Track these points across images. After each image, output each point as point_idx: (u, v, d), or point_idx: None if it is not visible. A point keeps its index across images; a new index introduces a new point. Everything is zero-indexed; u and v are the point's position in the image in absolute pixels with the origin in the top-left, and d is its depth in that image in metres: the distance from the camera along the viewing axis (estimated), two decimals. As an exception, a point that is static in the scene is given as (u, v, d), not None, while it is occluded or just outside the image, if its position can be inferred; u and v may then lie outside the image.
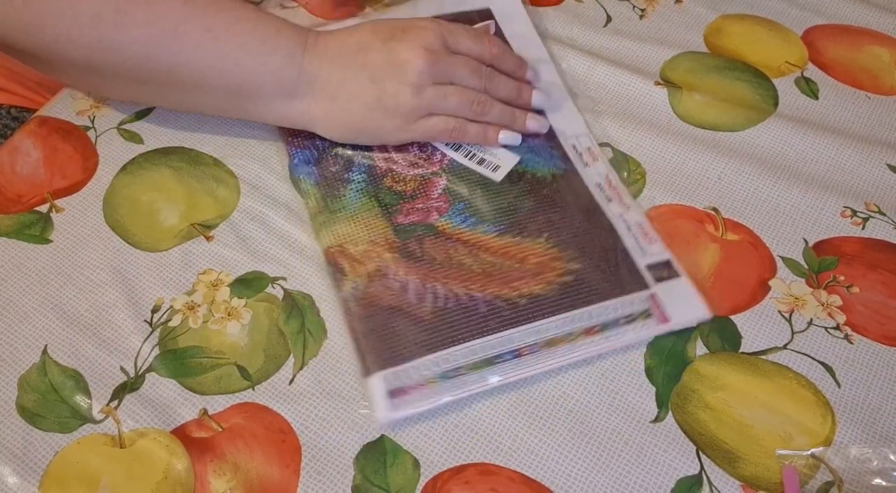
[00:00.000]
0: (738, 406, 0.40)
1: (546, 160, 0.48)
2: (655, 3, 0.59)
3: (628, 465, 0.38)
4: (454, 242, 0.44)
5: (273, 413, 0.40)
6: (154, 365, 0.41)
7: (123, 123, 0.52)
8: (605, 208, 0.46)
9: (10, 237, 0.46)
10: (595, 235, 0.44)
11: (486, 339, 0.40)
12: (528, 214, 0.46)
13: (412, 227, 0.45)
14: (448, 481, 0.38)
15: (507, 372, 0.40)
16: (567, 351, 0.40)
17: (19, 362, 0.41)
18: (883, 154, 0.50)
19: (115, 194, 0.48)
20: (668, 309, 0.42)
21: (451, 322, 0.41)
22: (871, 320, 0.43)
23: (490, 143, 0.48)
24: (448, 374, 0.40)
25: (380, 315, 0.42)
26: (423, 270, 0.43)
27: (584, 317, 0.41)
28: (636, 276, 0.43)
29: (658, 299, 0.42)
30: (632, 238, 0.44)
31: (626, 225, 0.45)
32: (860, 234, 0.46)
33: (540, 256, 0.44)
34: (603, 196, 0.46)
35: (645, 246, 0.44)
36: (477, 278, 0.43)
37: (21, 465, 0.38)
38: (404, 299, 0.42)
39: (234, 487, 0.37)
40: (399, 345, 0.40)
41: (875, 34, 0.57)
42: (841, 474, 0.38)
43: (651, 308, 0.42)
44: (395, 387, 0.39)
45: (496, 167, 0.47)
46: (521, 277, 0.43)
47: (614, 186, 0.47)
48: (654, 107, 0.53)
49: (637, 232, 0.45)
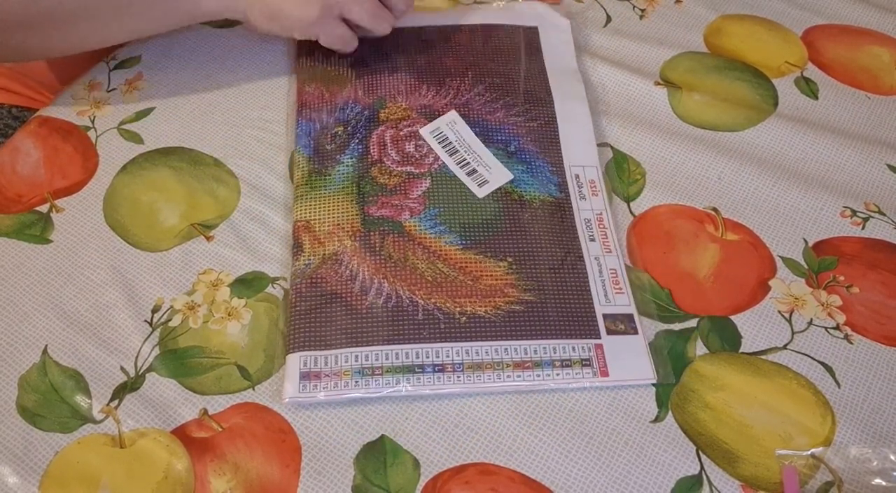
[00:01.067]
0: (738, 406, 0.40)
1: (540, 183, 0.47)
2: (655, 3, 0.59)
3: (628, 465, 0.38)
4: (416, 244, 0.44)
5: (273, 413, 0.40)
6: (154, 365, 0.41)
7: (123, 123, 0.52)
8: (583, 246, 0.44)
9: (10, 237, 0.46)
10: (561, 272, 0.43)
11: (412, 346, 0.40)
12: (498, 234, 0.45)
13: (381, 220, 0.45)
14: (448, 481, 0.38)
15: (422, 384, 0.39)
16: (491, 379, 0.40)
17: (19, 362, 0.41)
18: (883, 154, 0.50)
19: (116, 194, 0.48)
20: (610, 364, 0.40)
21: (384, 322, 0.41)
22: (871, 320, 0.43)
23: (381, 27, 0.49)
24: (365, 371, 0.39)
25: (319, 298, 0.42)
26: (375, 264, 0.43)
27: (518, 350, 0.40)
28: (589, 322, 0.41)
29: (604, 351, 0.41)
30: (600, 284, 0.43)
31: (598, 268, 0.43)
32: (860, 234, 0.46)
33: (496, 279, 0.43)
34: (586, 234, 0.45)
35: (611, 295, 0.43)
36: (425, 285, 0.42)
37: (21, 465, 0.38)
38: (348, 288, 0.42)
39: (234, 487, 0.37)
40: (326, 331, 0.41)
41: (875, 34, 0.57)
42: (841, 474, 0.38)
43: (593, 359, 0.40)
44: (309, 371, 0.39)
45: (484, 182, 0.47)
46: (469, 294, 0.42)
47: (604, 226, 0.45)
48: (654, 107, 0.53)
49: (608, 278, 0.43)
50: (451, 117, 0.49)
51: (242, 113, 0.52)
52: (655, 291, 0.44)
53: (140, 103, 0.53)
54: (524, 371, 0.40)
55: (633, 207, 0.47)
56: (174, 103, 0.53)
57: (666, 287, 0.44)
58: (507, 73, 0.52)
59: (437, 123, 0.49)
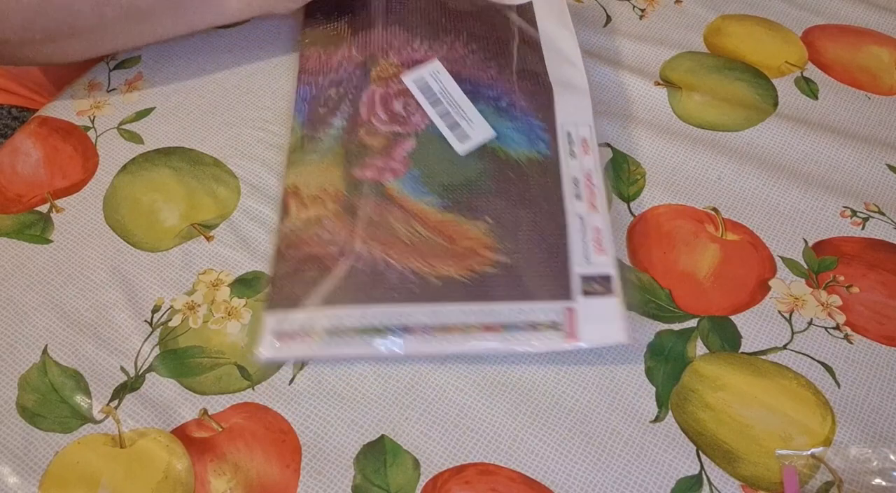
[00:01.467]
0: (738, 406, 0.40)
1: (529, 141, 0.46)
2: (655, 3, 0.59)
3: (628, 465, 0.38)
4: (395, 206, 0.43)
5: (273, 413, 0.40)
6: (154, 365, 0.41)
7: (123, 122, 0.52)
8: (567, 205, 0.43)
9: (10, 237, 0.46)
10: (542, 233, 0.42)
11: (382, 308, 0.40)
12: (479, 194, 0.43)
13: (363, 183, 0.44)
14: (448, 481, 0.38)
15: (391, 346, 0.39)
16: (458, 341, 0.39)
17: (19, 362, 0.41)
18: (883, 154, 0.50)
19: (116, 194, 0.48)
20: (581, 327, 0.39)
21: (357, 284, 0.41)
22: (871, 320, 0.43)
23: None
24: (334, 331, 0.39)
25: (298, 260, 0.42)
26: (355, 227, 0.43)
27: (487, 313, 0.39)
28: (562, 283, 0.40)
29: (576, 314, 0.39)
30: (581, 243, 0.41)
31: (582, 227, 0.42)
32: (860, 234, 0.46)
33: (473, 240, 0.42)
34: (573, 192, 0.44)
35: (592, 255, 0.41)
36: (401, 246, 0.42)
37: (21, 465, 0.38)
38: (326, 250, 0.42)
39: (234, 487, 0.37)
40: (300, 292, 0.41)
41: (875, 34, 0.57)
42: (841, 474, 0.38)
43: (563, 322, 0.39)
44: (283, 330, 0.40)
45: (466, 137, 0.45)
46: (444, 256, 0.41)
47: (594, 185, 0.44)
48: (654, 107, 0.53)
49: (591, 238, 0.42)
50: (435, 67, 0.48)
51: (242, 113, 0.52)
52: (655, 291, 0.44)
53: (140, 103, 0.53)
54: (492, 334, 0.39)
55: (633, 207, 0.47)
56: (174, 103, 0.53)
57: (666, 287, 0.44)
58: (502, 37, 0.51)
59: (419, 71, 0.48)
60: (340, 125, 0.47)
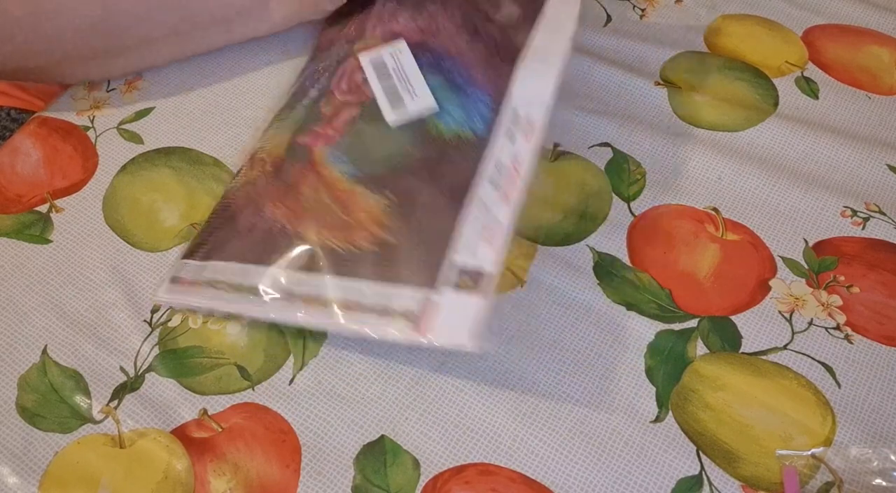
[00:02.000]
0: (739, 406, 0.40)
1: (467, 118, 0.43)
2: (655, 3, 0.59)
3: (628, 465, 0.38)
4: (313, 172, 0.42)
5: (273, 413, 0.40)
6: (154, 365, 0.41)
7: (123, 122, 0.52)
8: (479, 190, 0.39)
9: (10, 237, 0.46)
10: (434, 215, 0.39)
11: (261, 269, 0.40)
12: (393, 170, 0.41)
13: (300, 148, 0.44)
14: (448, 481, 0.38)
15: (255, 306, 0.39)
16: (315, 313, 0.38)
17: (19, 362, 0.41)
18: (883, 154, 0.50)
19: (115, 194, 0.48)
20: (434, 321, 0.36)
21: (252, 243, 0.41)
22: (872, 320, 0.43)
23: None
24: (215, 284, 0.40)
25: (224, 216, 0.43)
26: (274, 190, 0.43)
27: (352, 290, 0.38)
28: (431, 272, 0.37)
29: (434, 306, 0.36)
30: (473, 233, 0.38)
31: (481, 216, 0.38)
32: (860, 234, 0.46)
33: (366, 214, 0.40)
34: (490, 177, 0.40)
35: (477, 247, 0.38)
36: (301, 212, 0.41)
37: (21, 465, 0.38)
38: (244, 210, 0.43)
39: (234, 487, 0.37)
40: (203, 243, 0.42)
41: (875, 34, 0.57)
42: (841, 474, 0.38)
43: (417, 313, 0.36)
44: (180, 277, 0.41)
45: (402, 109, 0.43)
46: (334, 227, 0.40)
47: (517, 174, 0.40)
48: (654, 107, 0.52)
49: (486, 230, 0.38)
50: (398, 46, 0.47)
51: (242, 113, 0.52)
52: (655, 291, 0.44)
53: (140, 103, 0.53)
54: (347, 312, 0.37)
55: (633, 207, 0.47)
56: (174, 103, 0.53)
57: (666, 287, 0.44)
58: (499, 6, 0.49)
59: (378, 51, 0.47)
60: (314, 95, 0.47)
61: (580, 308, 0.43)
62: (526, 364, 0.41)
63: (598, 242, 0.46)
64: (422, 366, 0.41)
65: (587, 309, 0.43)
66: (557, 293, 0.44)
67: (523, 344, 0.42)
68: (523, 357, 0.41)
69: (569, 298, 0.44)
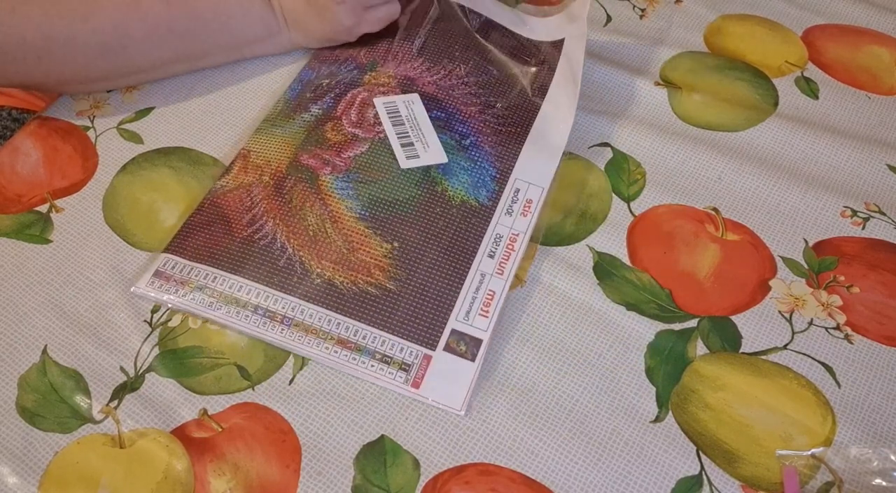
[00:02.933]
0: (739, 406, 0.40)
1: (473, 185, 0.46)
2: (655, 3, 0.59)
3: (628, 465, 0.38)
4: (319, 200, 0.44)
5: (273, 413, 0.40)
6: (154, 365, 0.41)
7: (123, 122, 0.52)
8: (476, 259, 0.43)
9: (10, 237, 0.46)
10: (438, 277, 0.42)
11: (255, 285, 0.41)
12: (400, 218, 0.44)
13: (303, 168, 0.46)
14: (448, 481, 0.38)
15: (245, 322, 0.40)
16: (311, 344, 0.40)
17: (19, 362, 0.41)
18: (883, 154, 0.50)
19: (115, 194, 0.48)
20: (428, 378, 0.39)
21: (248, 255, 0.42)
22: (871, 320, 0.43)
23: None
24: (205, 289, 0.41)
25: (213, 216, 0.43)
26: (274, 205, 0.44)
27: (349, 329, 0.40)
28: (433, 332, 0.40)
29: (430, 364, 0.40)
30: (469, 300, 0.41)
31: (477, 286, 0.42)
32: (860, 234, 0.46)
33: (371, 257, 0.42)
34: (488, 248, 0.43)
35: (474, 315, 0.41)
36: (303, 237, 0.43)
37: (21, 465, 0.38)
38: (239, 216, 0.43)
39: (233, 487, 0.37)
40: (198, 244, 0.42)
41: (875, 34, 0.57)
42: (841, 474, 0.38)
43: (414, 366, 0.39)
44: (165, 272, 0.41)
45: (414, 157, 0.46)
46: (337, 261, 0.42)
47: (512, 248, 0.43)
48: (654, 107, 0.53)
49: (481, 298, 0.42)
50: (412, 98, 0.49)
51: (242, 113, 0.52)
52: (655, 291, 0.44)
53: (140, 103, 0.53)
54: (344, 350, 0.40)
55: (633, 207, 0.47)
56: (174, 103, 0.53)
57: (666, 287, 0.44)
58: (507, 79, 0.51)
59: (394, 98, 0.49)
60: (316, 113, 0.49)
61: (580, 308, 0.43)
62: (526, 364, 0.41)
63: (598, 243, 0.46)
64: (422, 366, 0.41)
65: (587, 309, 0.43)
66: (557, 293, 0.44)
67: (523, 344, 0.42)
68: (523, 357, 0.41)
69: (569, 298, 0.44)
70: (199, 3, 0.49)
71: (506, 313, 0.43)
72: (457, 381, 0.39)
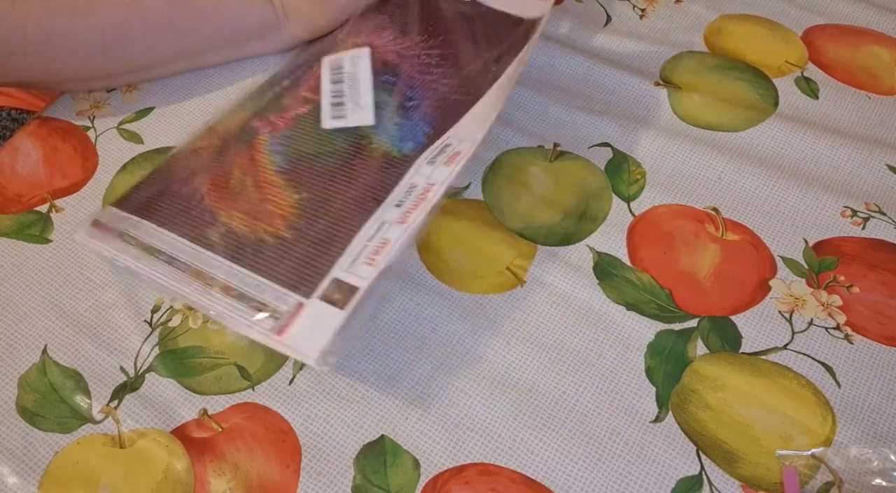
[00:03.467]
0: (739, 406, 0.40)
1: (401, 139, 0.45)
2: (655, 3, 0.59)
3: (628, 465, 0.38)
4: (248, 157, 0.44)
5: (273, 413, 0.40)
6: (154, 365, 0.41)
7: (123, 122, 0.52)
8: (380, 208, 0.41)
9: (10, 237, 0.46)
10: (336, 225, 0.40)
11: (167, 234, 0.40)
12: (317, 170, 0.43)
13: (249, 131, 0.46)
14: (448, 481, 0.38)
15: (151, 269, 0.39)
16: (198, 290, 0.38)
17: (19, 362, 0.41)
18: (883, 154, 0.50)
19: (115, 194, 0.48)
20: (294, 325, 0.36)
21: (172, 208, 0.42)
22: (872, 320, 0.43)
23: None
24: (125, 238, 0.40)
25: (162, 175, 0.43)
26: (212, 164, 0.44)
27: (237, 276, 0.38)
28: (312, 279, 0.38)
29: (301, 312, 0.37)
30: (358, 249, 0.39)
31: (372, 233, 0.40)
32: (860, 234, 0.46)
33: (278, 207, 0.41)
34: (397, 198, 0.41)
35: (359, 264, 0.38)
36: (223, 191, 0.42)
37: (21, 465, 0.38)
38: (181, 176, 0.43)
39: (234, 487, 0.37)
40: (137, 200, 0.42)
41: (875, 34, 0.57)
42: (841, 474, 0.38)
43: (285, 314, 0.37)
44: (103, 222, 0.41)
45: (340, 117, 0.45)
46: (245, 211, 0.41)
47: (424, 197, 0.41)
48: (654, 107, 0.52)
49: (371, 247, 0.39)
50: (361, 52, 0.49)
51: (242, 113, 0.52)
52: (655, 291, 0.44)
53: (140, 103, 0.53)
54: (225, 296, 0.38)
55: (633, 207, 0.47)
56: (174, 103, 0.53)
57: (666, 287, 0.44)
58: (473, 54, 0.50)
59: (342, 55, 0.49)
60: (286, 84, 0.49)
61: (580, 308, 0.43)
62: (526, 364, 0.41)
63: (598, 243, 0.46)
64: (422, 365, 0.41)
65: (587, 309, 0.43)
66: (557, 293, 0.44)
67: (523, 344, 0.42)
68: (523, 357, 0.41)
69: (569, 298, 0.44)
70: (199, 1, 0.49)
71: (506, 313, 0.43)
72: (322, 331, 0.36)
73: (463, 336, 0.42)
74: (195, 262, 0.39)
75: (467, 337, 0.42)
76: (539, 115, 0.52)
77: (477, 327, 0.42)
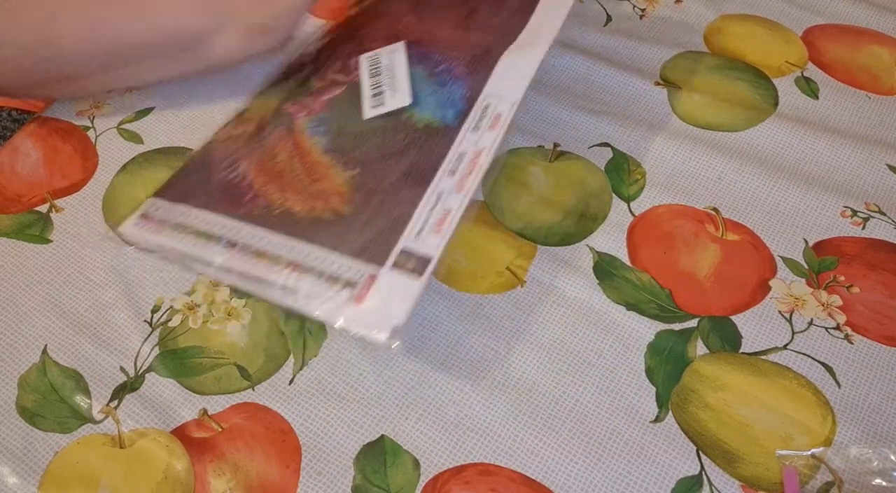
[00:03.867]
0: (739, 406, 0.40)
1: (440, 108, 0.44)
2: (655, 3, 0.59)
3: (628, 465, 0.38)
4: (290, 140, 0.44)
5: (273, 413, 0.40)
6: (154, 365, 0.41)
7: (123, 122, 0.52)
8: (436, 177, 0.41)
9: (10, 237, 0.46)
10: (394, 198, 0.40)
11: (221, 217, 0.40)
12: (363, 147, 0.43)
13: (284, 115, 0.46)
14: (448, 481, 0.38)
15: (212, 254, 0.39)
16: (263, 270, 0.38)
17: (19, 362, 0.41)
18: (883, 154, 0.50)
19: (115, 194, 0.48)
20: (371, 295, 0.36)
21: (218, 192, 0.42)
22: (872, 320, 0.43)
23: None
24: (180, 227, 0.40)
25: (200, 163, 0.44)
26: (251, 147, 0.44)
27: (301, 252, 0.38)
28: (381, 250, 0.38)
29: (376, 282, 0.37)
30: (423, 218, 0.39)
31: (433, 204, 0.40)
32: (860, 234, 0.46)
33: (331, 185, 0.41)
34: (450, 166, 0.41)
35: (427, 233, 0.38)
36: (270, 173, 0.42)
37: (21, 465, 0.38)
38: (220, 161, 0.43)
39: (233, 487, 0.37)
40: (182, 188, 0.42)
41: (875, 34, 0.57)
42: (841, 474, 0.38)
43: (359, 284, 0.37)
44: (150, 214, 0.41)
45: (380, 105, 0.45)
46: (298, 191, 0.41)
47: (476, 164, 0.41)
48: (654, 107, 0.53)
49: (435, 216, 0.39)
50: (396, 46, 0.49)
51: (242, 113, 0.52)
52: (655, 291, 0.44)
53: (139, 103, 0.53)
54: (293, 273, 0.38)
55: (633, 207, 0.47)
56: (174, 103, 0.53)
57: (666, 287, 0.44)
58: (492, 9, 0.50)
59: (378, 53, 0.48)
60: (308, 70, 0.49)
61: (580, 308, 0.43)
62: (526, 364, 0.41)
63: (598, 243, 0.46)
64: (422, 365, 0.41)
65: (587, 309, 0.43)
66: (557, 293, 0.44)
67: (523, 344, 0.42)
68: (523, 357, 0.41)
69: (569, 298, 0.44)
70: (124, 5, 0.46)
71: (506, 313, 0.43)
72: (399, 298, 0.36)
73: (463, 336, 0.42)
74: (256, 243, 0.39)
75: (467, 337, 0.42)
76: (539, 115, 0.52)
77: (477, 327, 0.42)
